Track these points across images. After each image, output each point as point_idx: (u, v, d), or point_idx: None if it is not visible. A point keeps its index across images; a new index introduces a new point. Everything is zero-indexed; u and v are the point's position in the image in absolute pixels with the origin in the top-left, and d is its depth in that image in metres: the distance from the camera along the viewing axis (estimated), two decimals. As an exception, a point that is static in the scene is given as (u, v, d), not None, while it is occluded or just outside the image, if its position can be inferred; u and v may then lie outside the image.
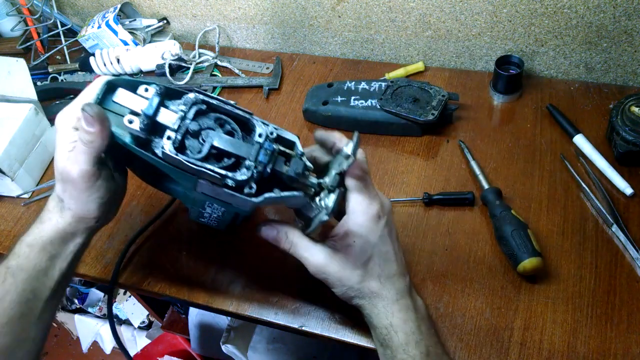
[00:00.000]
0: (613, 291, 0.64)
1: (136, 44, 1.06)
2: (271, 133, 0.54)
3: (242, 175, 0.51)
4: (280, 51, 1.08)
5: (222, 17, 1.06)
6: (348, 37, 1.01)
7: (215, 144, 0.51)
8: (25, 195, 0.86)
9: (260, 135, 0.53)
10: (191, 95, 0.52)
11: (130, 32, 1.06)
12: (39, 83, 1.05)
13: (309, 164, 0.56)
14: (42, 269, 0.55)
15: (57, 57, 1.14)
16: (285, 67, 1.02)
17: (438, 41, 0.95)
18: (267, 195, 0.53)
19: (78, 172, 0.53)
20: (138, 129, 0.51)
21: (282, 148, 0.55)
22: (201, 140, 0.52)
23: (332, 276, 0.56)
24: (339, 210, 0.56)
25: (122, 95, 0.54)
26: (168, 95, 0.54)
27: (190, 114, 0.52)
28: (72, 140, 0.53)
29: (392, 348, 0.55)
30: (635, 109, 0.74)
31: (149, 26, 1.10)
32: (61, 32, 1.13)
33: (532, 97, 0.88)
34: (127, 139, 0.53)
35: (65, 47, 1.12)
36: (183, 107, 0.52)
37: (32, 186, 0.87)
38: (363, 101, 0.86)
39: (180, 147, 0.51)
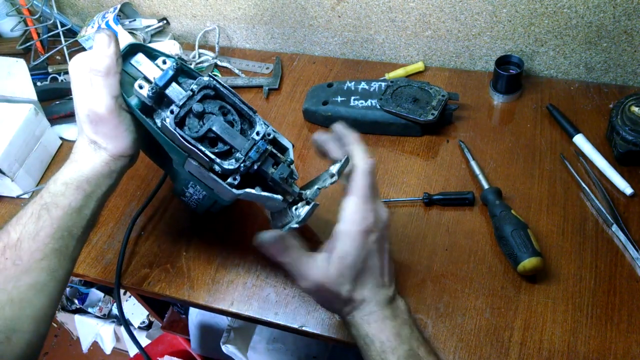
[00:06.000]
0: (613, 291, 0.64)
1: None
2: (268, 134, 0.55)
3: (229, 164, 0.53)
4: (280, 51, 1.08)
5: (222, 17, 1.06)
6: (348, 37, 1.01)
7: (214, 128, 0.53)
8: (25, 196, 0.86)
9: (258, 133, 0.55)
10: (205, 78, 0.54)
11: (130, 33, 1.06)
12: (39, 83, 1.05)
13: (295, 172, 0.58)
14: (76, 207, 0.56)
15: (57, 57, 1.15)
16: (285, 67, 1.02)
17: (438, 41, 0.95)
18: (248, 190, 0.54)
19: (104, 107, 0.54)
20: (146, 96, 0.54)
21: (274, 151, 0.56)
22: (202, 122, 0.54)
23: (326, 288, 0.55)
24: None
25: (141, 60, 0.56)
26: (184, 72, 0.57)
27: (198, 96, 0.54)
28: (88, 81, 0.55)
29: (371, 357, 0.55)
30: (635, 109, 0.74)
31: (149, 26, 1.10)
32: (61, 33, 1.13)
33: (532, 97, 0.88)
34: (134, 102, 0.56)
35: (65, 48, 1.12)
36: (194, 87, 0.54)
37: (32, 186, 0.87)
38: (363, 101, 0.86)
39: (180, 123, 0.53)
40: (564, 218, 0.71)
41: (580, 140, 0.79)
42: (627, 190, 0.72)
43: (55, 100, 0.99)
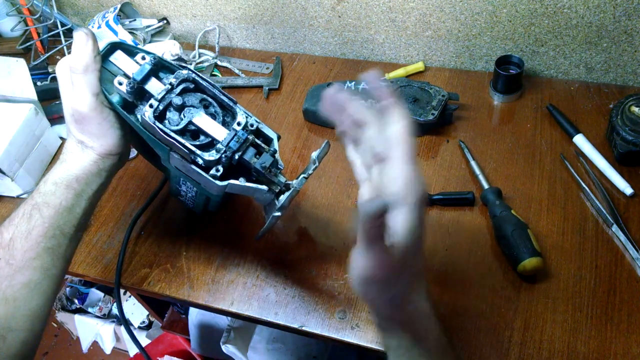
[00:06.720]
0: (613, 291, 0.64)
1: (136, 44, 1.06)
2: (251, 125, 0.56)
3: (210, 155, 0.53)
4: (280, 51, 1.08)
5: (222, 17, 1.06)
6: (348, 37, 1.01)
7: (194, 121, 0.54)
8: (25, 195, 0.86)
9: (239, 124, 0.55)
10: (184, 72, 0.55)
11: (130, 32, 1.06)
12: (39, 83, 1.05)
13: (280, 162, 0.58)
14: (67, 205, 0.57)
15: (57, 57, 1.14)
16: (285, 67, 1.02)
17: (438, 41, 0.95)
18: (231, 181, 0.54)
19: (86, 105, 0.55)
20: (125, 91, 0.54)
21: (257, 141, 0.56)
22: (182, 116, 0.54)
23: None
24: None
25: (119, 57, 0.57)
26: (164, 67, 0.57)
27: (178, 89, 0.54)
28: (70, 81, 0.56)
29: None
30: (635, 109, 0.74)
31: (149, 26, 1.10)
32: (61, 32, 1.13)
33: (532, 97, 0.88)
34: (115, 99, 0.56)
35: (65, 47, 1.12)
36: (173, 81, 0.54)
37: (32, 186, 0.87)
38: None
39: (161, 118, 0.54)
40: (564, 218, 0.71)
41: (580, 140, 0.79)
42: (627, 190, 0.72)
43: (55, 100, 0.99)
